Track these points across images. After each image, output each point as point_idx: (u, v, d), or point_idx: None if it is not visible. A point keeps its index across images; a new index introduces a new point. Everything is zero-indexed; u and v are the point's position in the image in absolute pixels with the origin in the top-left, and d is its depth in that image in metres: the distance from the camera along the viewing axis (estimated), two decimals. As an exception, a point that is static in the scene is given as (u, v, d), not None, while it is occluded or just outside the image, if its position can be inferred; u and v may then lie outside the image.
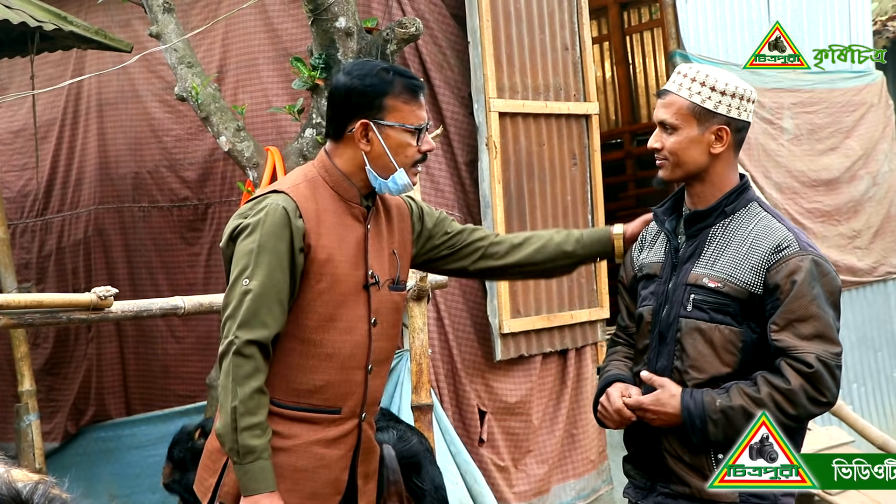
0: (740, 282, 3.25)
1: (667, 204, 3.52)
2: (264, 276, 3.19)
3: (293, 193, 3.31)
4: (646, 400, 3.32)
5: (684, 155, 3.33)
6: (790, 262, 3.24)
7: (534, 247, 3.73)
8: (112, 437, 7.50)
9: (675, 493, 3.34)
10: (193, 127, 7.32)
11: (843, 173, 9.54)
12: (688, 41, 8.39)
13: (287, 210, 3.24)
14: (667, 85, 3.42)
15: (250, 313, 3.18)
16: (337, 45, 5.84)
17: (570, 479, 7.16)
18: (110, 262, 7.79)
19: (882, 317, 10.02)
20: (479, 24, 6.62)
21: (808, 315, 3.20)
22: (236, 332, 3.18)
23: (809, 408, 3.20)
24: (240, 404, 3.14)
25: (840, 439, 7.96)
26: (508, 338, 6.75)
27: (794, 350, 3.18)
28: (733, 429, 3.21)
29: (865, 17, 10.17)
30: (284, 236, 3.21)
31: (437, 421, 6.23)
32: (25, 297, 4.35)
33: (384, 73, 3.33)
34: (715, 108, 3.34)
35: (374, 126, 3.31)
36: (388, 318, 3.44)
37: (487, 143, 6.66)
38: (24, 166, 8.28)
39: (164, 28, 6.17)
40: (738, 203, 3.38)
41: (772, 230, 3.31)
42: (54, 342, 7.98)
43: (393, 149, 3.32)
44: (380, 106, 3.32)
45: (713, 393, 3.24)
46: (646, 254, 3.55)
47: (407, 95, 3.33)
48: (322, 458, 3.31)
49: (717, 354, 3.27)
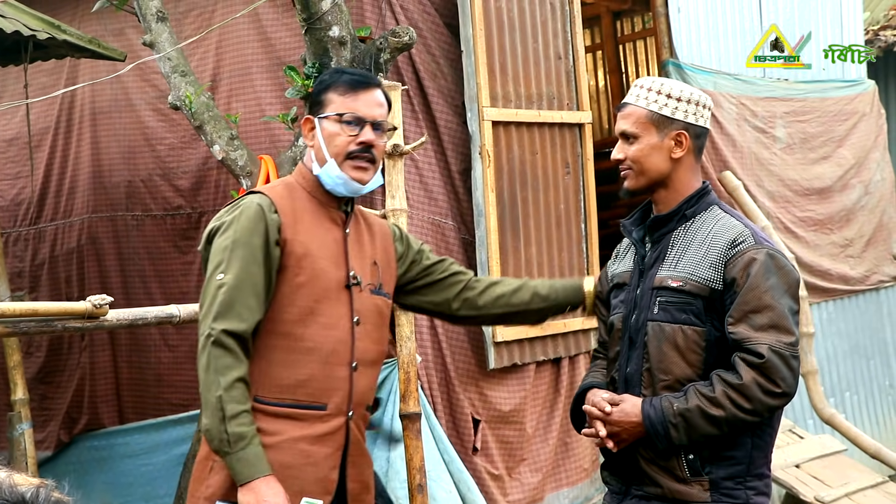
0: (701, 279, 3.33)
1: (636, 215, 3.61)
2: (239, 269, 3.20)
3: (269, 192, 3.37)
4: (613, 414, 3.37)
5: (647, 162, 3.43)
6: (745, 255, 3.30)
7: (511, 286, 3.79)
8: (105, 446, 7.48)
9: (649, 495, 3.39)
10: (187, 136, 7.32)
11: (836, 182, 9.57)
12: (680, 50, 8.41)
13: (262, 205, 3.28)
14: (627, 98, 3.51)
15: (225, 305, 3.19)
16: (330, 54, 5.85)
17: (564, 488, 7.16)
18: (104, 271, 7.78)
19: (874, 325, 10.04)
20: (473, 33, 6.64)
21: (763, 305, 3.24)
22: (212, 324, 3.18)
23: (765, 400, 3.22)
24: (224, 393, 3.12)
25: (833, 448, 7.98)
26: (502, 346, 6.75)
27: (747, 342, 3.23)
28: (695, 431, 3.26)
29: (858, 27, 10.21)
30: (259, 230, 3.24)
31: (430, 429, 6.23)
32: (20, 306, 4.35)
33: (333, 74, 3.45)
34: (672, 114, 3.42)
35: (317, 122, 3.40)
36: (371, 320, 3.44)
37: (481, 151, 6.67)
38: (17, 175, 8.27)
39: (157, 37, 6.18)
40: (698, 206, 3.46)
41: (729, 227, 3.39)
42: (47, 351, 7.97)
43: (326, 139, 3.37)
44: (320, 102, 3.41)
45: (671, 398, 3.29)
46: (617, 265, 3.65)
47: (344, 88, 3.38)
48: (308, 455, 3.28)
49: (681, 355, 3.33)
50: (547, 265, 7.03)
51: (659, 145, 3.42)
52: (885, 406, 10.09)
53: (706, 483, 3.31)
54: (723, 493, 3.30)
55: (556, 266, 7.08)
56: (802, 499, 7.30)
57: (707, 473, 3.31)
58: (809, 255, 9.12)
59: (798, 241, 9.04)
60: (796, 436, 8.00)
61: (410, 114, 6.59)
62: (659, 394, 3.34)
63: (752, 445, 3.34)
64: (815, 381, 8.31)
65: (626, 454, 3.43)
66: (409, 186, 6.45)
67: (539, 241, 6.99)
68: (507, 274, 6.77)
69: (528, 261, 6.91)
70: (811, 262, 9.11)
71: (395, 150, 4.95)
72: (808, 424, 8.73)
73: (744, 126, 8.80)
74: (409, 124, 6.51)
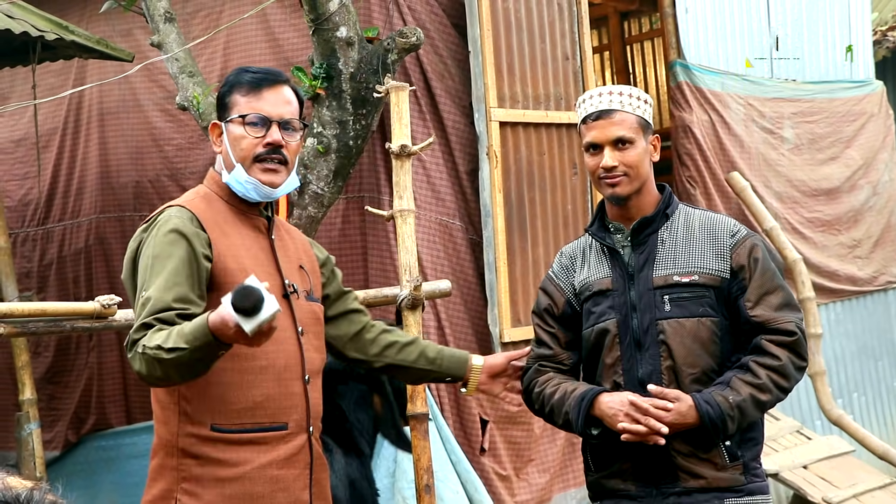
0: (711, 269, 3.44)
1: (596, 223, 3.62)
2: (163, 279, 2.94)
3: (188, 205, 3.12)
4: (668, 418, 3.34)
5: (641, 167, 3.50)
6: (746, 242, 3.47)
7: (403, 340, 3.61)
8: (113, 446, 7.49)
9: (689, 489, 3.40)
10: (195, 136, 7.33)
11: (844, 183, 9.55)
12: (688, 51, 8.40)
13: (182, 218, 3.04)
14: (603, 106, 3.49)
15: (155, 309, 2.89)
16: (338, 55, 5.85)
17: (572, 488, 7.16)
18: (111, 271, 7.79)
19: (882, 326, 10.02)
20: (480, 33, 6.64)
21: (774, 287, 3.43)
22: (134, 335, 2.90)
23: (797, 375, 3.43)
24: (164, 351, 2.81)
25: (841, 449, 7.96)
26: (509, 346, 6.74)
27: (772, 322, 3.39)
28: (745, 419, 3.39)
29: (866, 27, 10.19)
30: (181, 244, 2.98)
31: (437, 430, 6.23)
32: (29, 306, 4.36)
33: (237, 73, 3.22)
34: (650, 118, 3.55)
35: (224, 126, 3.20)
36: (312, 329, 3.28)
37: (488, 152, 6.67)
38: (25, 175, 8.28)
39: (165, 37, 6.18)
40: (672, 205, 3.57)
41: (716, 219, 3.56)
42: (55, 351, 7.98)
43: (231, 143, 3.17)
44: (225, 105, 3.20)
45: (720, 392, 3.36)
46: (585, 273, 3.59)
47: (246, 88, 3.18)
48: (278, 480, 3.11)
49: (704, 347, 3.42)
50: (554, 266, 7.02)
51: (645, 149, 3.51)
52: (893, 407, 10.07)
53: (740, 466, 3.42)
54: (752, 473, 3.45)
55: (564, 267, 7.07)
56: (810, 500, 7.29)
57: (741, 457, 3.42)
58: (817, 255, 9.11)
59: (806, 242, 9.02)
60: (804, 437, 7.98)
61: (418, 114, 6.60)
62: (687, 388, 3.38)
63: (761, 424, 3.51)
64: (822, 382, 8.30)
65: (652, 455, 3.39)
66: (417, 187, 6.45)
67: (546, 242, 6.99)
68: (515, 275, 6.77)
69: (535, 261, 6.91)
70: (819, 263, 9.09)
71: (402, 151, 4.95)
72: (816, 425, 8.71)
73: (751, 127, 8.79)
74: (417, 125, 6.51)
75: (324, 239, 6.74)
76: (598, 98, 3.51)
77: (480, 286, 6.79)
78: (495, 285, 6.67)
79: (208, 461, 3.06)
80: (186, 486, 3.07)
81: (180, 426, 3.07)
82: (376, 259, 6.64)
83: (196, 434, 3.06)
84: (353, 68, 5.88)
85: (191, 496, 3.06)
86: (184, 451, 3.07)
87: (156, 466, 3.14)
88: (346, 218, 6.77)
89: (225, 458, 3.06)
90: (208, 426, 3.05)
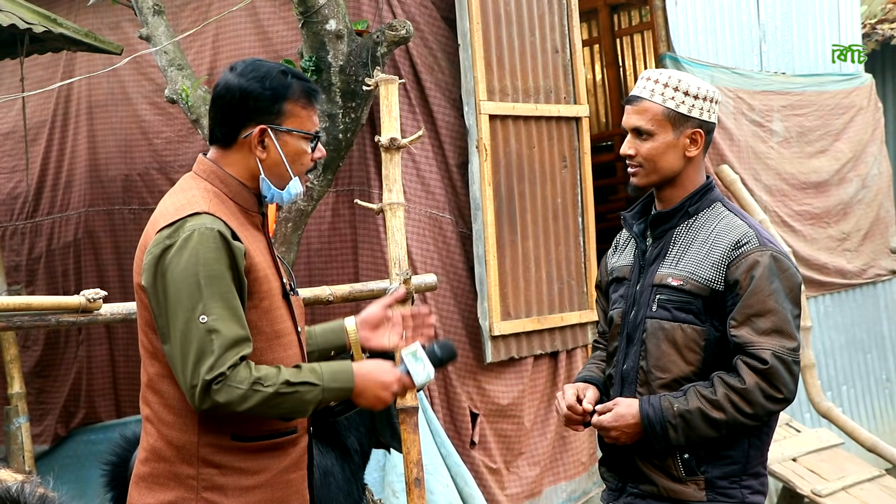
0: (702, 279, 3.30)
1: (637, 208, 3.57)
2: (221, 307, 2.91)
3: (216, 213, 3.01)
4: (606, 419, 3.35)
5: (661, 161, 3.37)
6: (749, 257, 3.27)
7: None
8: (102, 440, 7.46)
9: (644, 493, 3.38)
10: (184, 129, 7.31)
11: (833, 176, 9.57)
12: (678, 44, 8.40)
13: (220, 232, 2.95)
14: (636, 91, 3.42)
15: (231, 344, 2.90)
16: (327, 48, 5.84)
17: (562, 482, 7.17)
18: (100, 265, 7.78)
19: (871, 319, 10.04)
20: (470, 26, 6.63)
21: (766, 310, 3.23)
22: (217, 368, 2.88)
23: (767, 405, 3.23)
24: (277, 386, 2.92)
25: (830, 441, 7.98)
26: (499, 340, 6.75)
27: (750, 346, 3.22)
28: (693, 432, 3.25)
29: (855, 20, 10.20)
30: (222, 259, 2.93)
31: (427, 423, 6.23)
32: (15, 300, 4.35)
33: (283, 77, 3.11)
34: (689, 112, 3.35)
35: (272, 132, 3.09)
36: (302, 325, 3.25)
37: (478, 145, 6.67)
38: (13, 168, 8.26)
39: (154, 30, 6.17)
40: (701, 203, 3.42)
41: (733, 227, 3.35)
42: (44, 345, 7.96)
43: (290, 156, 3.10)
44: (279, 111, 3.08)
45: (671, 398, 3.27)
46: (617, 258, 3.60)
47: (305, 100, 3.12)
48: (291, 483, 3.14)
49: (679, 354, 3.31)
50: (544, 259, 7.02)
51: (674, 143, 3.35)
52: (882, 399, 10.10)
53: (701, 482, 3.30)
54: (718, 492, 3.30)
55: (554, 259, 7.08)
56: (799, 492, 7.31)
57: (702, 472, 3.30)
58: (806, 248, 9.12)
59: (795, 235, 9.04)
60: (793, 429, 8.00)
61: (407, 107, 6.59)
62: (655, 392, 3.33)
63: (748, 445, 3.33)
64: (812, 375, 8.32)
65: (623, 451, 3.41)
66: (407, 180, 6.44)
67: (536, 235, 6.99)
68: (504, 268, 6.77)
69: (524, 254, 6.91)
70: (808, 256, 9.11)
71: (392, 144, 4.94)
72: (805, 418, 8.73)
73: (741, 120, 8.79)
74: (406, 118, 6.50)
75: (314, 232, 6.74)
76: (639, 81, 3.42)
77: (470, 279, 6.79)
78: (485, 279, 6.67)
79: (231, 470, 3.05)
80: (208, 496, 3.03)
81: (200, 435, 3.03)
82: (366, 252, 6.64)
83: (217, 444, 3.04)
84: (342, 61, 5.88)
85: None
86: (204, 459, 3.03)
87: (164, 472, 3.05)
88: (335, 211, 6.76)
89: (246, 467, 3.05)
90: (229, 435, 3.03)
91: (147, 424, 3.09)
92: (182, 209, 3.01)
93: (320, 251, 6.78)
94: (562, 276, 7.14)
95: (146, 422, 3.10)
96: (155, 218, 3.08)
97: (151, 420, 3.08)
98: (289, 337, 3.11)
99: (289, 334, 3.11)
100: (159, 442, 3.06)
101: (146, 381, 3.09)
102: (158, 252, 2.96)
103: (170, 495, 3.04)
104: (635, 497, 3.41)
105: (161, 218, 3.05)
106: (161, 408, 3.06)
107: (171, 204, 3.08)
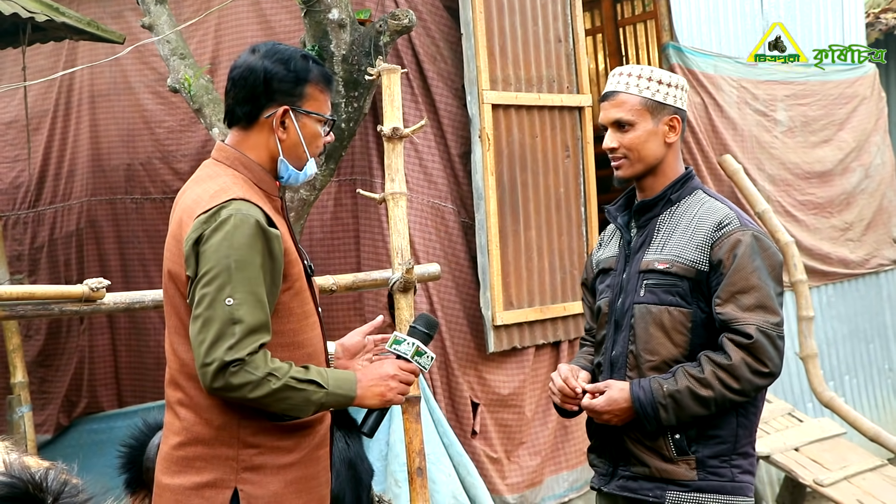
0: (687, 260, 3.40)
1: (620, 201, 3.68)
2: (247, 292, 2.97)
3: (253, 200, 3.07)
4: (598, 403, 3.43)
5: (644, 149, 3.49)
6: (732, 237, 3.38)
7: None
8: (104, 429, 7.48)
9: (636, 475, 3.45)
10: (186, 118, 7.31)
11: (836, 165, 9.56)
12: (681, 33, 8.38)
13: (258, 221, 3.01)
14: (610, 87, 3.55)
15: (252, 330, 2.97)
16: (330, 37, 5.83)
17: (563, 471, 7.17)
18: (102, 254, 7.78)
19: (874, 309, 10.04)
20: (473, 15, 6.61)
21: (750, 286, 3.34)
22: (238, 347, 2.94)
23: (753, 379, 3.32)
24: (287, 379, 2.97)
25: (832, 431, 7.98)
26: (501, 330, 6.75)
27: (735, 322, 3.32)
28: (683, 411, 3.33)
29: (859, 10, 10.18)
30: (256, 247, 2.99)
31: (429, 413, 6.23)
32: (17, 289, 4.35)
33: (304, 61, 3.20)
34: (664, 99, 3.49)
35: (293, 114, 3.17)
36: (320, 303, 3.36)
37: (480, 134, 6.66)
38: (15, 158, 8.26)
39: (156, 19, 6.16)
40: (683, 191, 3.54)
41: (714, 210, 3.47)
42: (46, 334, 7.97)
43: (307, 138, 3.19)
44: (301, 93, 3.18)
45: (660, 379, 3.36)
46: (602, 251, 3.72)
47: (323, 85, 3.22)
48: (320, 459, 3.23)
49: (667, 336, 3.41)
50: (547, 249, 7.02)
51: (655, 131, 3.48)
52: (885, 389, 10.10)
53: (693, 462, 3.38)
54: (709, 471, 3.38)
55: (556, 249, 7.07)
56: (801, 482, 7.31)
57: (693, 452, 3.38)
58: (809, 238, 9.12)
59: (798, 225, 9.03)
60: (796, 419, 8.00)
61: (410, 97, 6.58)
62: (645, 375, 3.41)
63: (737, 424, 3.41)
64: (814, 365, 8.32)
65: (614, 435, 3.48)
66: (409, 170, 6.44)
67: (539, 225, 6.98)
68: (507, 258, 6.77)
69: (527, 244, 6.91)
70: (811, 246, 9.10)
71: (394, 134, 4.93)
72: (808, 408, 8.73)
73: (744, 109, 8.78)
74: (409, 107, 6.50)
75: (316, 222, 6.73)
76: (611, 79, 3.56)
77: (473, 269, 6.78)
78: (487, 268, 6.67)
79: (268, 450, 3.10)
80: (248, 476, 3.08)
81: (241, 417, 3.08)
82: (368, 242, 6.64)
83: (256, 424, 3.09)
84: (345, 51, 5.86)
85: (254, 485, 3.08)
86: (244, 441, 3.08)
87: (201, 454, 3.08)
88: (338, 201, 6.75)
89: (282, 445, 3.11)
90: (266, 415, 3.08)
91: (180, 409, 3.12)
92: (217, 196, 3.06)
93: (323, 241, 6.78)
94: (564, 265, 7.13)
95: (179, 406, 3.13)
96: (189, 206, 3.10)
97: (185, 404, 3.11)
98: (314, 317, 3.21)
99: (313, 315, 3.21)
100: (197, 426, 3.09)
101: (178, 366, 3.12)
102: (195, 237, 3.02)
103: (207, 477, 3.08)
104: (627, 479, 3.48)
105: (196, 206, 3.08)
106: (197, 392, 3.09)
107: (203, 192, 3.11)
